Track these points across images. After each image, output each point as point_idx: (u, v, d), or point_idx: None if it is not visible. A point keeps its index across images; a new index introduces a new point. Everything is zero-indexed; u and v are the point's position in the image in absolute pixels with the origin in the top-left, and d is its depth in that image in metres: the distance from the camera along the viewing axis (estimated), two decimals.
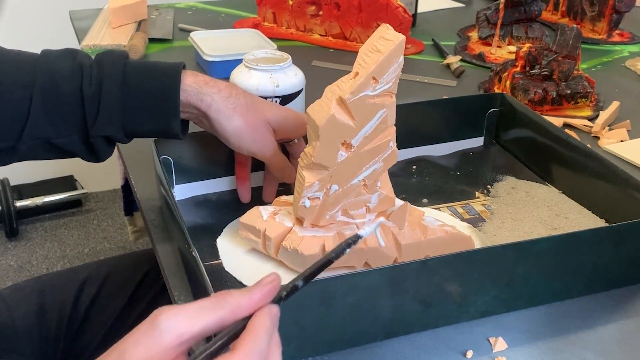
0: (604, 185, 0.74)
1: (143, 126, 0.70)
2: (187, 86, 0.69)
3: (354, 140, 0.62)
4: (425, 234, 0.67)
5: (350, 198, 0.65)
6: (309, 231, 0.65)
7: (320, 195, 0.64)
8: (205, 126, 0.73)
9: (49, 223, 2.17)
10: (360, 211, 0.67)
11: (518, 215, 0.76)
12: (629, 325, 0.62)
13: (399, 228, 0.67)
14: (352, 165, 0.64)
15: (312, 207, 0.64)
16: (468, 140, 0.92)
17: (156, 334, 0.40)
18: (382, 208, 0.67)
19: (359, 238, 0.46)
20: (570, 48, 1.04)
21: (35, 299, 0.90)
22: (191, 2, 1.57)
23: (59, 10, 1.67)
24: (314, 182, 0.63)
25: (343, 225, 0.66)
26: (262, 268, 0.67)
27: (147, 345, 0.40)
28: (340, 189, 0.64)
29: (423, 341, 0.60)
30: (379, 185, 0.66)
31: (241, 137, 0.71)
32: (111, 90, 0.68)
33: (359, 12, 1.29)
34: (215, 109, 0.70)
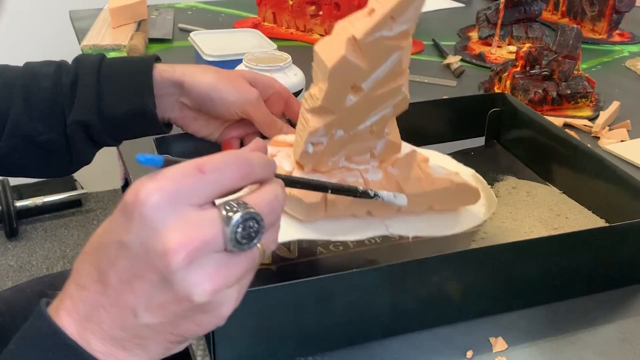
0: (604, 185, 0.74)
1: (118, 107, 0.70)
2: (160, 66, 0.72)
3: (365, 84, 0.57)
4: (431, 185, 0.64)
5: (355, 144, 0.61)
6: (310, 176, 0.61)
7: (325, 140, 0.60)
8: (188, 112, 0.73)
9: (49, 223, 2.17)
10: (364, 157, 0.63)
11: (518, 215, 0.76)
12: (629, 325, 0.62)
13: (404, 177, 0.63)
14: (361, 110, 0.59)
15: (315, 153, 0.60)
16: (469, 140, 0.91)
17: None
18: (387, 155, 0.64)
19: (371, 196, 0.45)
20: (571, 48, 1.04)
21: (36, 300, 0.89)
22: (191, 2, 1.57)
23: (59, 10, 1.67)
24: (319, 127, 0.58)
25: (346, 172, 0.63)
26: None
27: None
28: (346, 135, 0.60)
29: (423, 341, 0.60)
30: (387, 131, 0.62)
31: (221, 89, 0.70)
32: (87, 78, 0.70)
33: None
34: (189, 73, 0.71)
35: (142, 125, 0.73)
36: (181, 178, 0.38)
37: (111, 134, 0.72)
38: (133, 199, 0.38)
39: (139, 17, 1.37)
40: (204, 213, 0.38)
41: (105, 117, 0.70)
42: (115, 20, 1.34)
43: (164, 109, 0.73)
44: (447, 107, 0.90)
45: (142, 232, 0.37)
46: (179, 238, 0.37)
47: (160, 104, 0.72)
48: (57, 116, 0.70)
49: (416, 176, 0.64)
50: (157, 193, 0.37)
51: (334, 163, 0.62)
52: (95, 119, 0.70)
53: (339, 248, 0.70)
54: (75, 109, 0.70)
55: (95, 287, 0.39)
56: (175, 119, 0.75)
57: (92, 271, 0.39)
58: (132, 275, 0.38)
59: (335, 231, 0.62)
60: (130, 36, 1.28)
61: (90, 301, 0.39)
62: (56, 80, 0.71)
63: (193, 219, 0.38)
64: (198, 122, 0.75)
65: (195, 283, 0.38)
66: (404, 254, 0.70)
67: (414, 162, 0.64)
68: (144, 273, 0.38)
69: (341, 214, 0.62)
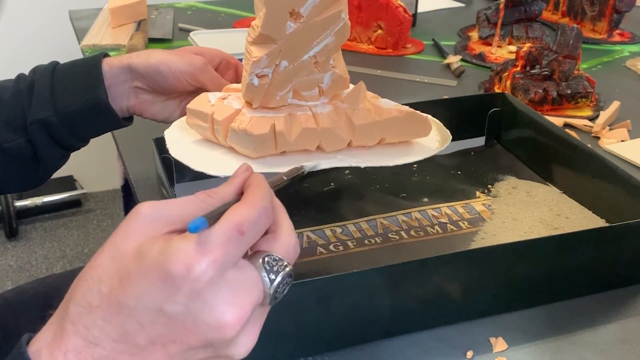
0: (604, 185, 0.74)
1: (73, 102, 0.72)
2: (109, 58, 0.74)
3: (303, 8, 0.59)
4: (380, 114, 0.65)
5: (301, 77, 0.62)
6: (259, 112, 0.62)
7: (269, 71, 0.61)
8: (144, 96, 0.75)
9: (49, 223, 2.17)
10: (313, 92, 0.64)
11: (518, 215, 0.76)
12: (629, 325, 0.62)
13: (353, 109, 0.64)
14: (302, 38, 0.60)
15: (261, 86, 0.61)
16: (469, 140, 0.91)
17: (145, 223, 0.39)
18: (335, 90, 0.65)
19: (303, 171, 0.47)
20: (571, 48, 1.04)
21: (39, 301, 0.90)
22: (191, 2, 1.57)
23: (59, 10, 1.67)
24: (261, 56, 0.59)
25: (295, 108, 0.64)
26: (211, 154, 0.65)
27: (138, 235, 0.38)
28: (290, 66, 0.61)
29: (423, 341, 0.60)
30: (332, 63, 0.63)
31: (168, 60, 0.73)
32: (41, 80, 0.72)
33: (359, 11, 1.29)
34: (136, 55, 0.74)
35: (98, 118, 0.74)
36: (227, 245, 0.38)
37: (71, 132, 0.73)
38: (184, 274, 0.36)
39: (138, 17, 1.37)
40: (246, 274, 0.39)
41: (61, 114, 0.72)
42: (115, 20, 1.34)
43: (119, 98, 0.74)
44: (447, 107, 0.90)
45: (192, 305, 0.37)
46: (233, 312, 0.37)
47: (114, 93, 0.73)
48: (19, 121, 0.72)
49: (365, 108, 0.65)
50: (211, 268, 0.37)
51: (282, 98, 0.63)
52: (53, 117, 0.71)
53: (339, 248, 0.70)
54: (33, 109, 0.72)
55: (113, 346, 0.38)
56: (133, 106, 0.76)
57: (110, 330, 0.38)
58: (171, 341, 0.38)
59: (286, 164, 0.63)
60: (130, 36, 1.28)
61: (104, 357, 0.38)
62: (14, 90, 0.73)
63: (239, 284, 0.38)
64: (155, 105, 0.77)
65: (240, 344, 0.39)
66: (404, 254, 0.70)
67: (362, 94, 0.65)
68: (186, 339, 0.38)
69: (292, 149, 0.63)
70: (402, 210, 0.77)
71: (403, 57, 1.28)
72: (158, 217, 0.39)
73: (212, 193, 0.42)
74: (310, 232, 0.72)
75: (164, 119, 0.77)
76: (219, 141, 0.65)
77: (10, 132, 0.72)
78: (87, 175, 2.25)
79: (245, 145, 0.62)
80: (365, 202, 0.78)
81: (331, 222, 0.74)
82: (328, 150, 0.65)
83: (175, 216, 0.39)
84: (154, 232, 0.39)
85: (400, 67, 1.23)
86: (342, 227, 0.74)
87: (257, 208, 0.40)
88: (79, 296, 0.39)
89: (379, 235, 0.72)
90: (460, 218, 0.76)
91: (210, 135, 0.65)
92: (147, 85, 0.75)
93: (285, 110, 0.63)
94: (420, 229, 0.74)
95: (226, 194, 0.42)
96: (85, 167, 2.21)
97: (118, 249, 0.38)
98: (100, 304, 0.38)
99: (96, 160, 2.13)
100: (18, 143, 0.72)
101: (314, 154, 0.65)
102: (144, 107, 0.76)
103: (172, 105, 0.77)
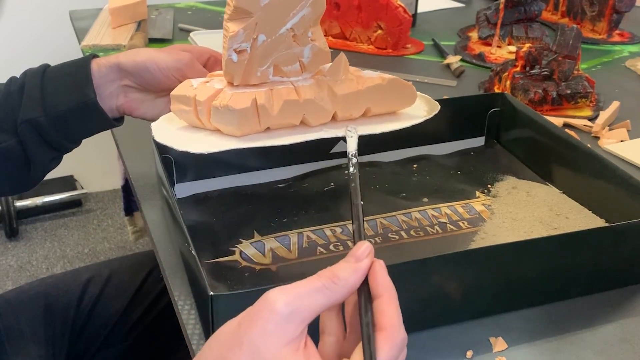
0: (604, 185, 0.74)
1: (62, 103, 0.72)
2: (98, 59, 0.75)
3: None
4: (363, 84, 0.65)
5: (280, 51, 0.62)
6: (240, 89, 0.62)
7: (248, 46, 0.61)
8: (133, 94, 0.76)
9: (49, 223, 2.17)
10: (294, 67, 0.64)
11: (518, 215, 0.76)
12: (629, 325, 0.62)
13: (335, 80, 0.64)
14: (278, 10, 0.60)
15: (240, 62, 0.61)
16: (469, 140, 0.92)
17: (283, 322, 0.40)
18: (317, 64, 0.65)
19: None
20: (571, 48, 1.04)
21: (40, 302, 0.90)
22: (191, 2, 1.57)
23: (59, 10, 1.67)
24: (238, 30, 0.60)
25: (277, 84, 0.64)
26: (195, 135, 0.65)
27: (277, 338, 0.40)
28: (268, 39, 0.61)
29: (423, 341, 0.60)
30: (310, 35, 0.63)
31: (155, 57, 0.74)
32: (32, 82, 0.73)
33: (358, 12, 1.29)
34: (123, 54, 0.75)
35: (88, 118, 0.74)
36: None
37: (61, 133, 0.74)
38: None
39: (139, 17, 1.37)
40: None
41: (51, 114, 0.72)
42: (115, 20, 1.34)
43: (109, 97, 0.75)
44: (447, 107, 0.90)
45: None
46: None
47: (103, 92, 0.74)
48: (9, 123, 0.73)
49: (347, 78, 0.65)
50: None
51: (263, 74, 0.63)
52: (42, 117, 0.72)
53: (339, 248, 0.70)
54: (23, 110, 0.72)
55: None
56: (122, 105, 0.76)
57: None
58: None
59: (270, 139, 0.63)
60: (130, 36, 1.28)
61: None
62: (6, 92, 0.74)
63: None
64: (145, 104, 0.77)
65: None
66: (404, 254, 0.70)
67: (344, 66, 0.65)
68: None
69: (276, 123, 0.63)
70: (402, 210, 0.77)
71: (403, 57, 1.29)
72: (294, 316, 0.40)
73: (337, 279, 0.42)
74: (310, 232, 0.72)
75: (154, 117, 0.77)
76: (203, 124, 0.65)
77: (1, 133, 0.73)
78: (87, 175, 2.25)
79: (229, 122, 0.62)
80: (365, 202, 0.78)
81: (331, 222, 0.74)
82: (313, 124, 0.65)
83: (307, 312, 0.41)
84: (291, 334, 0.40)
85: (400, 67, 1.23)
86: (342, 227, 0.74)
87: (398, 346, 0.41)
88: None
89: (379, 235, 0.73)
90: (460, 218, 0.76)
91: (195, 119, 0.65)
92: (135, 83, 0.75)
93: (267, 87, 0.64)
94: (420, 229, 0.74)
95: (350, 282, 0.43)
96: (85, 167, 2.21)
97: (259, 351, 0.39)
98: None
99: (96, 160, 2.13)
100: (9, 144, 0.73)
101: (298, 128, 0.65)
102: (133, 106, 0.77)
103: (162, 103, 0.78)
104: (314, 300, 0.41)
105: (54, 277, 0.97)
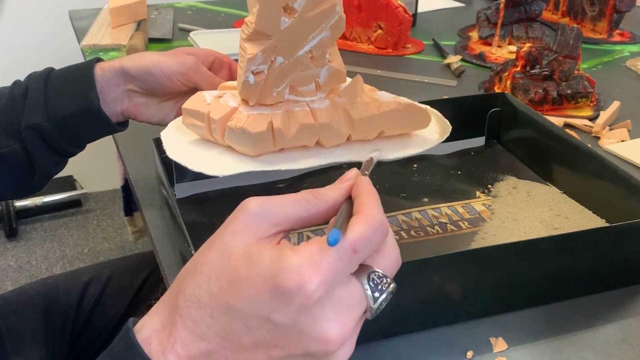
0: (604, 185, 0.74)
1: (65, 108, 0.72)
2: (102, 63, 0.75)
3: (297, 3, 0.58)
4: (378, 108, 0.65)
5: (297, 72, 0.62)
6: (256, 109, 0.62)
7: (265, 68, 0.60)
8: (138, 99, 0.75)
9: (49, 223, 2.17)
10: (310, 87, 0.64)
11: (519, 215, 0.76)
12: (629, 325, 0.62)
13: (351, 103, 0.64)
14: (297, 33, 0.60)
15: (256, 83, 0.61)
16: (469, 140, 0.91)
17: (253, 222, 0.40)
18: (333, 84, 0.65)
19: None
20: (571, 48, 1.04)
21: (40, 302, 0.90)
22: (191, 2, 1.56)
23: (59, 10, 1.67)
24: (256, 52, 0.59)
25: (292, 104, 0.63)
26: (209, 153, 0.64)
27: (246, 235, 0.39)
28: (286, 62, 0.61)
29: (423, 341, 0.60)
30: (328, 57, 0.63)
31: (160, 61, 0.73)
32: (35, 86, 0.73)
33: (359, 12, 1.29)
34: (127, 59, 0.74)
35: (91, 123, 0.74)
36: (339, 263, 0.38)
37: (65, 137, 0.73)
38: (296, 291, 0.37)
39: (138, 16, 1.37)
40: (351, 291, 0.39)
41: (54, 119, 0.72)
42: (115, 20, 1.34)
43: (113, 102, 0.75)
44: (447, 107, 0.90)
45: (299, 318, 0.38)
46: (338, 329, 0.38)
47: (107, 97, 0.74)
48: (14, 127, 0.73)
49: (363, 101, 0.64)
50: (321, 287, 0.37)
51: (279, 95, 0.62)
52: (46, 122, 0.72)
53: None
54: (26, 115, 0.72)
55: (219, 342, 0.39)
56: (127, 109, 0.76)
57: (217, 327, 0.39)
58: (273, 345, 0.39)
59: (285, 161, 0.63)
60: (130, 36, 1.28)
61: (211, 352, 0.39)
62: (9, 96, 0.74)
63: (346, 301, 0.39)
64: (150, 108, 0.77)
65: (339, 355, 0.39)
66: (404, 254, 0.70)
67: (360, 87, 0.65)
68: (288, 347, 0.39)
69: (290, 145, 0.63)
70: (402, 210, 0.77)
71: (403, 57, 1.28)
72: (265, 216, 0.40)
73: (317, 194, 0.42)
74: (310, 232, 0.72)
75: (159, 121, 0.77)
76: (216, 140, 0.65)
77: (5, 138, 0.73)
78: (87, 175, 2.25)
79: (243, 143, 0.62)
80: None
81: None
82: (327, 145, 0.65)
83: (281, 216, 0.40)
84: (261, 233, 0.40)
85: (400, 67, 1.23)
86: None
87: (373, 226, 0.40)
88: (188, 291, 0.39)
89: None
90: (460, 218, 0.76)
91: (208, 135, 0.64)
92: (140, 87, 0.75)
93: (282, 107, 0.63)
94: (420, 229, 0.74)
95: (331, 196, 0.42)
96: (85, 167, 2.21)
97: (227, 248, 0.39)
98: (209, 302, 0.39)
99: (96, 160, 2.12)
100: (13, 149, 0.73)
101: (312, 149, 0.65)
102: (138, 110, 0.76)
103: (167, 107, 0.77)
104: (291, 208, 0.41)
105: (54, 277, 0.97)
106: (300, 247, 0.39)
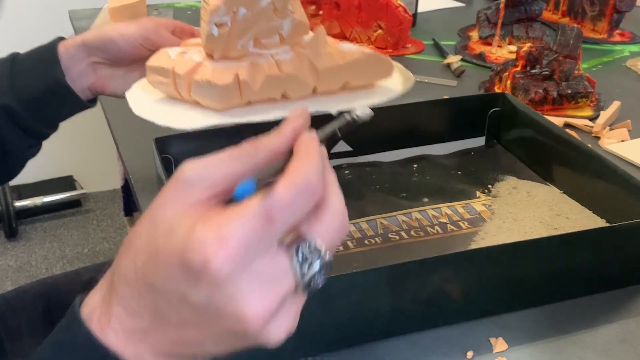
0: (604, 185, 0.74)
1: (32, 86, 0.73)
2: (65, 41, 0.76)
3: None
4: (342, 58, 0.65)
5: (260, 24, 0.62)
6: (221, 63, 0.62)
7: (228, 20, 0.61)
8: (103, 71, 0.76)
9: (49, 223, 2.17)
10: (274, 40, 0.64)
11: (519, 215, 0.76)
12: (629, 325, 0.62)
13: (315, 54, 0.64)
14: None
15: (220, 35, 0.61)
16: (469, 140, 0.91)
17: (184, 188, 0.36)
18: (296, 36, 0.65)
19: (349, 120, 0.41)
20: (571, 48, 1.03)
21: (40, 302, 0.90)
22: (191, 2, 1.56)
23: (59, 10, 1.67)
24: (219, 4, 0.59)
25: (257, 57, 0.64)
26: (176, 109, 0.64)
27: (175, 203, 0.36)
28: (249, 13, 0.61)
29: (423, 341, 0.60)
30: (290, 8, 0.63)
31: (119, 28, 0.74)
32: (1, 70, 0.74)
33: (358, 11, 1.29)
34: (89, 32, 0.75)
35: (59, 100, 0.74)
36: (249, 236, 0.34)
37: (35, 117, 0.74)
38: (201, 268, 0.33)
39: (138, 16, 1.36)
40: (274, 264, 0.35)
41: (22, 99, 0.72)
42: (114, 20, 1.33)
43: (79, 77, 0.75)
44: (447, 107, 0.90)
45: (213, 296, 0.34)
46: (256, 306, 0.34)
47: (73, 73, 0.74)
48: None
49: (327, 52, 0.65)
50: (228, 265, 0.33)
51: (243, 47, 0.63)
52: (14, 102, 0.72)
53: (339, 248, 0.70)
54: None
55: (152, 319, 0.37)
56: (94, 83, 0.76)
57: (146, 305, 0.36)
58: (199, 324, 0.36)
59: (252, 114, 0.63)
60: None
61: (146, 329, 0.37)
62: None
63: (265, 276, 0.35)
64: (116, 80, 0.77)
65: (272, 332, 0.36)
66: (404, 254, 0.70)
67: (324, 39, 0.65)
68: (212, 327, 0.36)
69: (257, 98, 0.63)
70: (402, 210, 0.77)
71: (403, 57, 1.28)
72: (200, 180, 0.36)
73: (259, 144, 0.37)
74: None
75: None
76: (182, 96, 0.65)
77: None
78: (87, 175, 2.25)
79: (209, 97, 0.62)
80: (365, 202, 0.78)
81: None
82: (293, 97, 0.65)
83: (218, 177, 0.36)
84: (193, 199, 0.36)
85: None
86: None
87: (296, 188, 0.35)
88: (122, 266, 0.37)
89: (379, 236, 0.72)
90: (460, 218, 0.76)
91: (173, 91, 0.64)
92: (103, 58, 0.75)
93: (247, 60, 0.63)
94: (420, 229, 0.74)
95: (274, 145, 0.37)
96: (85, 167, 2.21)
97: (154, 219, 0.36)
98: (135, 278, 0.36)
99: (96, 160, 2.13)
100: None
101: (279, 102, 0.65)
102: (104, 83, 0.77)
103: (132, 78, 0.77)
104: (228, 166, 0.36)
105: (54, 277, 0.97)
106: (214, 216, 0.34)
